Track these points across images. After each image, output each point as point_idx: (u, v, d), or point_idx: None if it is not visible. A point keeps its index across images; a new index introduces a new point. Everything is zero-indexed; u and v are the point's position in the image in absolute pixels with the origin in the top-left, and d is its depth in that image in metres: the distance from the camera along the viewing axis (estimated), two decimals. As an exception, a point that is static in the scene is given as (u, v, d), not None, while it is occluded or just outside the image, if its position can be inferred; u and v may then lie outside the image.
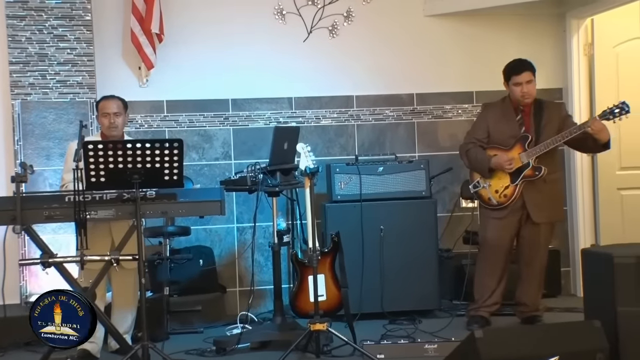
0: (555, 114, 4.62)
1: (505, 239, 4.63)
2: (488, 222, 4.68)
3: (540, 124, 4.57)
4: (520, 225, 4.63)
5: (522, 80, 4.53)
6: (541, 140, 4.51)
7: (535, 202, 4.56)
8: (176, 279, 5.02)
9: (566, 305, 5.14)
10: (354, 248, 4.96)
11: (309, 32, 5.57)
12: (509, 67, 4.62)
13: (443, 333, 4.53)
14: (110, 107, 4.32)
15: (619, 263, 3.42)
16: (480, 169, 4.65)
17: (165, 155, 3.75)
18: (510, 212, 4.59)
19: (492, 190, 4.63)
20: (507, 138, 4.61)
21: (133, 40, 5.18)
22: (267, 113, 5.55)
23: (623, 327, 3.38)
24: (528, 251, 4.66)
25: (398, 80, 5.67)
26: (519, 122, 4.62)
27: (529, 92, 4.55)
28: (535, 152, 4.49)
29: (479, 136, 4.69)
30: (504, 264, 4.67)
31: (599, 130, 4.38)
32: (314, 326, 4.07)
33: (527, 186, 4.56)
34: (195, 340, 4.65)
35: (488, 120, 4.70)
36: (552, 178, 4.61)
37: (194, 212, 4.05)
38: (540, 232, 4.61)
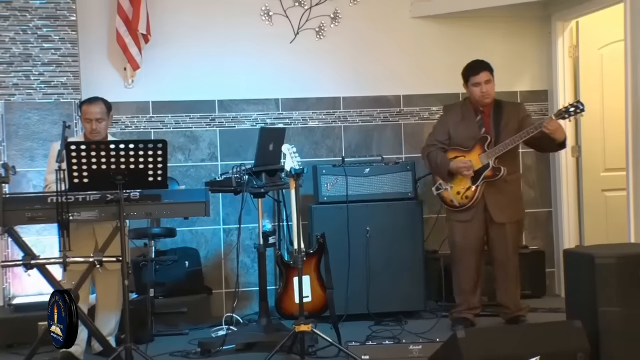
0: (514, 114, 4.67)
1: (474, 241, 4.66)
2: (454, 225, 4.72)
3: (500, 124, 4.63)
4: (487, 226, 4.67)
5: (480, 80, 4.58)
6: (500, 140, 4.57)
7: (496, 202, 4.61)
8: (161, 281, 5.01)
9: (550, 305, 5.17)
10: (340, 249, 4.97)
11: (295, 33, 5.58)
12: (467, 68, 4.68)
13: (428, 334, 4.55)
14: (93, 113, 4.30)
15: (600, 263, 3.44)
16: (440, 172, 4.70)
17: (149, 156, 3.75)
18: (475, 214, 4.63)
19: (453, 192, 4.66)
20: (467, 139, 4.65)
21: (118, 41, 5.18)
22: (253, 114, 5.56)
23: (604, 327, 3.40)
24: (497, 252, 4.70)
25: (385, 82, 5.68)
26: (478, 123, 4.66)
27: (488, 91, 4.60)
28: (495, 153, 4.54)
29: (440, 138, 4.73)
30: (477, 266, 4.71)
31: (554, 130, 4.43)
32: (298, 327, 4.08)
33: (488, 187, 4.60)
34: (181, 342, 4.65)
35: (448, 122, 4.74)
36: (512, 178, 4.66)
37: (179, 213, 4.05)
38: (506, 232, 4.64)
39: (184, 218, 4.25)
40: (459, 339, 3.18)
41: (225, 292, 5.47)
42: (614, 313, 3.42)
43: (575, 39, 5.64)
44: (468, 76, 4.64)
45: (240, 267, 5.34)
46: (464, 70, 4.70)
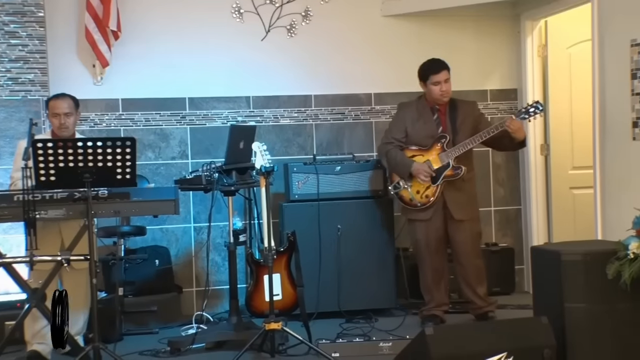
0: (470, 113, 4.73)
1: (436, 239, 4.70)
2: (415, 225, 4.75)
3: (456, 123, 4.68)
4: (446, 224, 4.70)
5: (441, 79, 4.62)
6: (458, 139, 4.61)
7: (456, 200, 4.66)
8: (131, 280, 4.98)
9: (519, 302, 5.22)
10: (311, 247, 4.98)
11: (267, 31, 5.57)
12: (426, 67, 4.70)
13: (398, 331, 4.57)
14: (61, 107, 4.26)
15: (566, 260, 3.48)
16: (401, 171, 4.72)
17: (118, 154, 3.72)
18: (435, 213, 4.66)
19: (413, 191, 4.69)
20: (425, 138, 4.69)
21: (87, 38, 5.12)
22: (224, 112, 5.54)
23: (570, 323, 3.44)
24: (458, 250, 4.74)
25: (356, 80, 5.69)
26: (436, 121, 4.70)
27: (447, 90, 4.65)
28: (456, 152, 4.59)
29: (397, 136, 4.75)
30: (441, 264, 4.76)
31: (516, 129, 4.50)
32: (269, 325, 4.07)
33: (447, 186, 4.65)
34: (150, 341, 4.63)
35: (406, 120, 4.76)
36: (469, 176, 4.72)
37: (148, 211, 4.03)
38: (465, 228, 4.69)
39: (154, 216, 4.22)
40: (427, 336, 3.20)
41: (195, 290, 5.45)
42: (580, 309, 3.46)
43: (544, 38, 5.69)
44: (428, 75, 4.66)
45: (210, 266, 5.34)
46: (422, 69, 4.71)
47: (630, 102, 4.58)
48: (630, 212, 3.48)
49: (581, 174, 5.55)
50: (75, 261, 3.83)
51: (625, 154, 4.65)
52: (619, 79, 4.65)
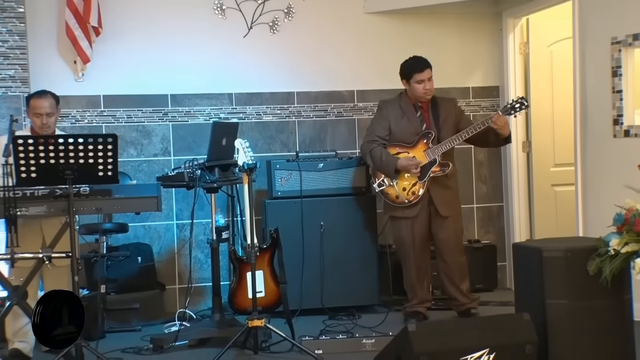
0: (452, 110, 4.76)
1: (420, 236, 4.71)
2: (399, 223, 4.75)
3: (439, 120, 4.70)
4: (430, 221, 4.72)
5: (424, 78, 4.63)
6: (442, 136, 4.63)
7: (441, 196, 4.68)
8: (113, 277, 4.95)
9: (501, 299, 5.24)
10: (294, 244, 4.98)
11: (249, 27, 5.55)
12: (409, 65, 4.70)
13: (382, 328, 4.58)
14: (43, 107, 4.19)
15: (547, 257, 3.49)
16: (386, 169, 4.70)
17: (99, 151, 3.71)
18: (421, 210, 4.68)
19: (399, 188, 4.69)
20: (409, 135, 4.70)
21: (68, 34, 5.08)
22: (207, 109, 5.52)
23: (551, 320, 3.46)
24: (441, 246, 4.76)
25: (339, 77, 5.69)
26: (420, 118, 4.71)
27: (431, 89, 4.68)
28: (442, 149, 4.61)
29: (380, 134, 4.75)
30: (424, 261, 4.77)
31: (502, 125, 4.52)
32: (252, 322, 4.08)
33: (433, 182, 4.67)
34: (133, 339, 4.61)
35: (389, 117, 4.76)
36: (452, 172, 4.74)
37: (130, 208, 4.02)
38: (449, 225, 4.71)
39: (136, 213, 4.20)
40: (410, 332, 3.20)
41: (178, 287, 5.43)
42: (561, 306, 3.48)
43: (526, 36, 5.72)
44: (411, 73, 4.66)
45: (193, 263, 5.32)
46: (405, 67, 4.71)
47: (610, 99, 4.62)
48: (611, 208, 3.50)
49: (562, 171, 5.60)
50: (57, 258, 3.80)
51: (606, 151, 4.70)
52: (599, 76, 4.69)
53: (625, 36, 4.51)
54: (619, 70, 4.55)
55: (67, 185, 3.69)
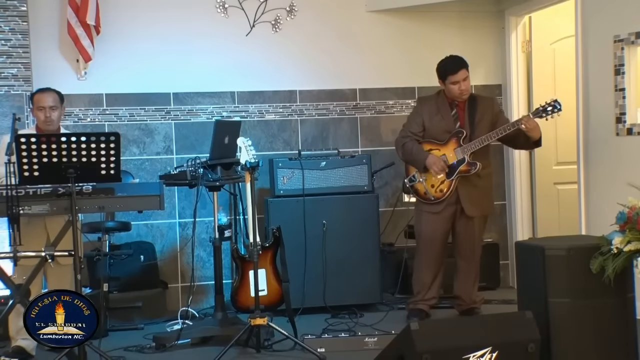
0: (489, 109, 4.71)
1: (440, 233, 4.69)
2: (423, 216, 4.74)
3: (474, 119, 4.66)
4: (455, 219, 4.71)
5: (459, 79, 4.59)
6: (475, 135, 4.59)
7: (469, 196, 4.64)
8: (116, 275, 4.96)
9: (504, 297, 5.25)
10: (296, 243, 4.98)
11: (251, 26, 5.55)
12: (444, 66, 4.66)
13: (384, 326, 4.58)
14: (46, 101, 4.22)
15: (550, 255, 3.49)
16: (416, 164, 4.71)
17: (102, 149, 3.71)
18: (445, 207, 4.66)
19: (428, 184, 4.69)
20: (442, 133, 4.68)
21: (70, 32, 5.08)
22: (209, 107, 5.52)
23: (554, 318, 3.46)
24: (464, 245, 4.74)
25: (341, 76, 5.69)
26: (454, 117, 4.69)
27: (467, 89, 4.64)
28: (471, 148, 4.58)
29: (414, 130, 4.74)
30: (439, 258, 4.74)
31: (532, 128, 4.48)
32: (254, 321, 4.08)
33: (462, 181, 4.64)
34: (136, 337, 4.61)
35: (423, 114, 4.75)
36: (485, 173, 4.71)
37: (132, 206, 4.03)
38: (474, 225, 4.69)
39: (138, 212, 4.22)
40: (413, 330, 3.20)
41: (181, 286, 5.44)
42: (564, 304, 3.48)
43: (528, 34, 5.72)
44: (445, 75, 4.63)
45: (196, 261, 5.32)
46: (440, 68, 4.67)
47: (613, 97, 4.62)
48: (614, 207, 3.50)
49: (565, 170, 5.59)
50: (60, 257, 3.81)
51: (608, 150, 4.69)
52: (602, 74, 4.69)
53: (628, 34, 4.50)
54: (621, 68, 4.54)
55: (70, 184, 3.68)
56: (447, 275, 4.86)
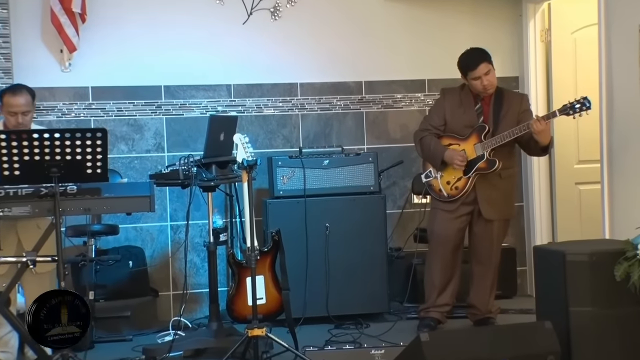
0: (516, 106, 4.69)
1: (454, 232, 4.68)
2: (437, 214, 4.75)
3: (500, 114, 4.64)
4: (472, 220, 4.71)
5: (480, 74, 4.57)
6: (499, 131, 4.58)
7: (488, 197, 4.64)
8: (102, 283, 4.97)
9: (521, 306, 5.25)
10: (297, 247, 4.99)
11: (249, 14, 5.56)
12: (463, 62, 4.64)
13: (391, 337, 4.58)
14: (19, 106, 4.16)
15: (571, 260, 3.50)
16: (433, 160, 4.72)
17: (88, 147, 3.71)
18: (461, 206, 4.66)
19: (443, 181, 4.69)
20: (463, 127, 4.68)
21: (53, 21, 5.09)
22: (203, 101, 5.53)
23: (575, 329, 3.47)
24: (480, 249, 4.74)
25: (345, 67, 5.70)
26: (477, 111, 4.68)
27: (490, 83, 4.61)
28: (491, 145, 4.57)
29: (435, 123, 4.74)
30: (453, 261, 4.73)
31: (539, 131, 4.43)
32: (252, 332, 4.07)
33: (481, 180, 4.63)
34: (124, 349, 4.63)
35: (445, 107, 4.75)
36: (508, 173, 4.69)
37: (120, 208, 4.03)
38: (492, 228, 4.68)
39: (127, 214, 4.21)
40: (423, 342, 3.22)
41: (172, 294, 5.44)
42: (586, 313, 3.49)
43: (548, 22, 5.72)
44: (466, 71, 4.61)
45: (189, 267, 5.34)
46: (460, 64, 4.65)
47: (639, 90, 4.61)
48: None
49: (587, 169, 5.59)
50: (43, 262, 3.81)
51: (634, 146, 4.68)
52: (627, 65, 4.68)
53: (655, 22, 4.49)
54: (648, 59, 4.54)
55: (53, 184, 3.68)
56: (461, 283, 4.85)
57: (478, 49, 4.67)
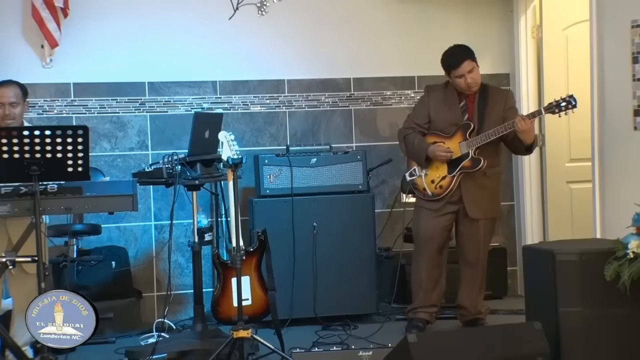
0: (501, 103, 4.71)
1: (439, 230, 4.70)
2: (421, 212, 4.77)
3: (485, 112, 4.66)
4: (458, 220, 4.73)
5: (463, 72, 4.59)
6: (484, 129, 4.60)
7: (473, 196, 4.66)
8: (85, 284, 4.96)
9: (511, 307, 5.27)
10: (284, 247, 5.00)
11: (235, 9, 5.55)
12: (446, 60, 4.66)
13: (380, 339, 4.60)
14: (6, 96, 4.19)
15: (561, 260, 3.52)
16: (417, 157, 4.74)
17: (69, 144, 3.71)
18: (445, 205, 4.68)
19: (427, 180, 4.71)
20: (448, 125, 4.70)
21: (34, 15, 5.08)
22: (188, 98, 5.53)
23: (565, 329, 3.49)
24: (467, 249, 4.76)
25: (334, 64, 5.71)
26: (462, 109, 4.70)
27: (474, 81, 4.63)
28: (476, 143, 4.59)
29: (419, 121, 4.76)
30: (439, 260, 4.75)
31: (523, 130, 4.45)
32: (237, 333, 4.08)
33: (466, 179, 4.65)
34: (106, 352, 4.63)
35: (430, 104, 4.77)
36: (493, 172, 4.71)
37: (102, 207, 4.02)
38: (479, 228, 4.70)
39: (109, 213, 4.21)
40: (410, 343, 3.23)
41: (156, 295, 5.44)
42: (576, 314, 3.51)
43: (539, 18, 5.74)
44: (449, 69, 4.63)
45: (173, 268, 5.34)
46: (443, 62, 4.67)
47: (631, 88, 4.63)
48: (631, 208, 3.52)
49: (579, 167, 5.61)
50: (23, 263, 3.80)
51: (626, 145, 4.71)
52: (619, 63, 4.70)
53: (647, 18, 4.52)
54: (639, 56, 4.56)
55: (33, 183, 3.68)
56: (450, 283, 4.87)
57: (461, 47, 4.69)
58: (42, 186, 3.77)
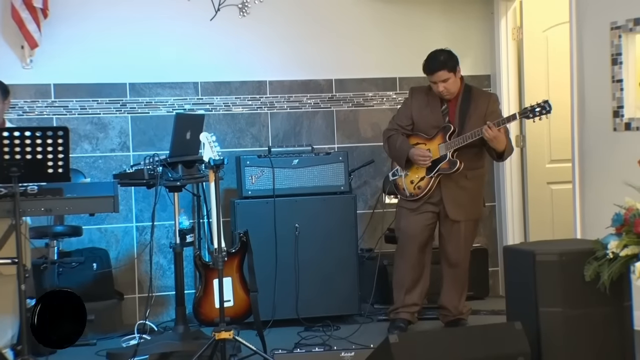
0: (483, 106, 4.72)
1: (419, 229, 4.72)
2: (401, 212, 4.81)
3: (466, 115, 4.69)
4: (440, 221, 4.75)
5: (436, 80, 4.63)
6: (465, 132, 4.63)
7: (453, 198, 4.68)
8: (66, 286, 4.91)
9: (493, 307, 5.28)
10: (266, 248, 5.00)
11: (216, 10, 5.55)
12: (424, 64, 4.69)
13: (361, 339, 4.61)
14: None
15: (541, 261, 3.54)
16: (398, 158, 4.78)
17: (49, 145, 3.70)
18: (425, 204, 4.71)
19: (407, 180, 4.74)
20: (430, 127, 4.72)
21: (14, 16, 5.05)
22: (170, 99, 5.51)
23: (545, 329, 3.51)
24: (449, 250, 4.78)
25: (315, 65, 5.71)
26: (443, 111, 4.73)
27: (446, 90, 4.64)
28: (454, 145, 4.62)
29: (402, 123, 4.79)
30: (421, 259, 4.76)
31: (491, 138, 4.47)
32: (219, 335, 4.07)
33: (446, 181, 4.68)
34: (87, 354, 4.61)
35: (413, 106, 4.79)
36: (474, 174, 4.74)
37: (83, 209, 4.02)
38: (460, 229, 4.73)
39: (90, 215, 4.20)
40: (392, 344, 3.24)
41: (138, 297, 5.42)
42: (556, 314, 3.53)
43: (519, 20, 5.78)
44: (425, 73, 4.68)
45: (155, 269, 5.32)
46: (423, 64, 4.71)
47: (610, 89, 4.68)
48: (611, 208, 3.55)
49: (559, 168, 5.65)
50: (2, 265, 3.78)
51: (605, 146, 4.76)
52: (598, 64, 4.75)
53: (626, 21, 4.57)
54: (619, 57, 4.61)
55: (13, 184, 3.66)
56: (431, 284, 4.89)
57: (436, 57, 4.66)
58: (22, 187, 3.75)
